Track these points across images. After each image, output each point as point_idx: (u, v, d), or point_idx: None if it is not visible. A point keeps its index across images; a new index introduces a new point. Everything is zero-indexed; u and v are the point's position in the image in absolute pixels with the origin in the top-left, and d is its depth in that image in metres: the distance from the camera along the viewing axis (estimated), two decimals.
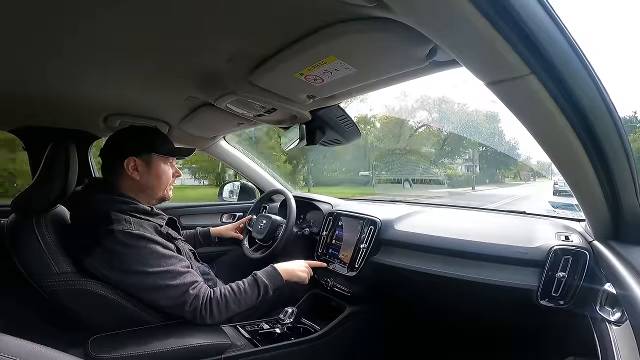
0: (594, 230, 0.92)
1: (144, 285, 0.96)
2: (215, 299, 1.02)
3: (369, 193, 10.43)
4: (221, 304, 1.02)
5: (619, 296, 0.70)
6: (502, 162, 18.03)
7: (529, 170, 17.05)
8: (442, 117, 17.55)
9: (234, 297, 1.05)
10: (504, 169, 18.67)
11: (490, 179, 17.67)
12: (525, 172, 18.03)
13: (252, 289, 1.09)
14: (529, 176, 18.14)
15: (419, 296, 1.30)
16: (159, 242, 0.99)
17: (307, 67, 0.83)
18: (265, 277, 1.12)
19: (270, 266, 1.18)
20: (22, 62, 0.89)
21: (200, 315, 1.00)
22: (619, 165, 0.71)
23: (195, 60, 0.91)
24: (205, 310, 1.00)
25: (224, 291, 1.05)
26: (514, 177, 18.92)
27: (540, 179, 15.67)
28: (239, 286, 1.08)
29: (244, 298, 1.07)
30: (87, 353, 0.86)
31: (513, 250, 1.01)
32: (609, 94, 0.61)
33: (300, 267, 1.25)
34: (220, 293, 1.04)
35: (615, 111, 0.63)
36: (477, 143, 17.37)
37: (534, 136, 0.69)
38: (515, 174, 18.80)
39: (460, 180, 15.62)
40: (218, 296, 1.03)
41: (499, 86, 0.61)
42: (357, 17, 0.65)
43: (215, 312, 1.01)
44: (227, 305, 1.03)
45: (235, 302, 1.05)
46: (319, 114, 1.21)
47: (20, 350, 0.42)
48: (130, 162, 1.06)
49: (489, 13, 0.47)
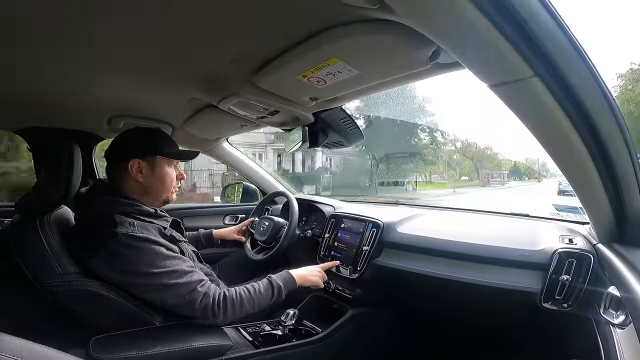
0: (597, 233, 0.92)
1: (151, 285, 0.96)
2: (231, 297, 1.02)
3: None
4: (236, 302, 1.02)
5: (623, 299, 0.69)
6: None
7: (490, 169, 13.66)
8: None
9: (249, 296, 1.05)
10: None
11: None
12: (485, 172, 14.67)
13: (267, 290, 1.09)
14: (488, 177, 14.66)
15: (421, 299, 1.29)
16: (163, 244, 0.99)
17: (310, 69, 0.84)
18: (280, 280, 1.13)
19: (285, 271, 1.19)
20: (25, 62, 0.89)
21: (212, 313, 0.99)
22: (623, 168, 0.70)
23: (199, 62, 0.91)
24: (218, 308, 0.99)
25: (239, 291, 1.05)
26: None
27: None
28: (254, 287, 1.08)
29: (259, 299, 1.07)
30: (88, 353, 0.87)
31: (516, 253, 1.01)
32: (612, 95, 0.61)
33: (313, 272, 1.26)
34: (235, 292, 1.04)
35: (619, 113, 0.63)
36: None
37: (537, 138, 0.69)
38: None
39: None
40: (234, 295, 1.03)
41: (502, 88, 0.61)
42: (360, 19, 0.65)
43: (229, 310, 1.01)
44: (242, 304, 1.03)
45: (250, 302, 1.05)
46: (322, 116, 1.21)
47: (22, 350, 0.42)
48: (135, 164, 1.06)
49: (491, 14, 0.47)
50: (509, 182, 15.18)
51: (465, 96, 39.31)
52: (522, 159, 15.82)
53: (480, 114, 48.82)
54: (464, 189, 13.69)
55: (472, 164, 16.59)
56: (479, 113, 47.15)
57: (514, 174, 19.52)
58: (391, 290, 1.34)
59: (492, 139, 43.28)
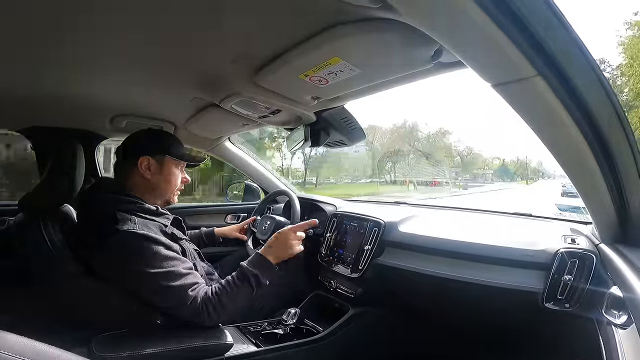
0: (600, 233, 0.91)
1: (145, 286, 0.96)
2: (208, 298, 0.99)
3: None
4: (214, 301, 0.99)
5: (625, 299, 0.69)
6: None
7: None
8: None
9: (225, 292, 1.02)
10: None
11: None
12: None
13: (242, 281, 1.04)
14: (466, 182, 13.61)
15: (423, 298, 1.29)
16: (163, 242, 0.99)
17: (311, 69, 0.84)
18: (251, 267, 1.07)
19: (256, 253, 1.12)
20: (27, 62, 0.90)
21: (199, 317, 0.98)
22: (626, 168, 0.70)
23: (200, 61, 0.91)
24: (202, 311, 0.98)
25: (214, 289, 1.02)
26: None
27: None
28: (228, 281, 1.05)
29: (237, 292, 1.03)
30: (91, 352, 0.87)
31: (519, 253, 1.00)
32: (616, 94, 0.60)
33: (286, 242, 1.16)
34: (211, 292, 1.01)
35: (623, 113, 0.63)
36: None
37: (540, 138, 0.68)
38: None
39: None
40: (210, 294, 1.00)
41: (505, 88, 0.61)
42: (362, 18, 0.65)
43: (212, 312, 0.98)
44: (221, 302, 1.00)
45: (229, 298, 1.01)
46: (324, 115, 1.21)
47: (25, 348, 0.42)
48: (144, 160, 1.08)
49: (494, 13, 0.47)
50: (488, 185, 14.11)
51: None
52: (518, 157, 14.80)
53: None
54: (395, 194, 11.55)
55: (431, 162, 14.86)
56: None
57: (504, 174, 18.57)
58: (392, 290, 1.34)
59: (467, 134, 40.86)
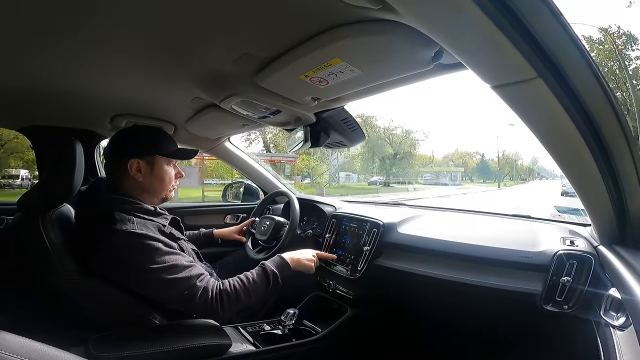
0: (599, 235, 0.91)
1: (150, 281, 0.95)
2: (225, 290, 1.00)
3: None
4: (232, 295, 1.00)
5: (623, 301, 0.69)
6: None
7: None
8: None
9: (244, 287, 1.03)
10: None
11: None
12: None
13: (261, 278, 1.06)
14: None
15: (422, 299, 1.29)
16: (162, 240, 0.99)
17: (312, 69, 0.84)
18: (273, 266, 1.10)
19: (278, 255, 1.15)
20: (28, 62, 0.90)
21: (211, 308, 0.97)
22: (625, 170, 0.70)
23: (201, 62, 0.91)
24: (216, 302, 0.97)
25: (233, 282, 1.03)
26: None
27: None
28: (248, 277, 1.06)
29: (254, 288, 1.04)
30: (89, 352, 0.87)
31: (517, 255, 1.00)
32: (615, 96, 0.60)
33: (307, 256, 1.21)
34: (229, 284, 1.02)
35: (622, 114, 0.63)
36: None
37: (539, 139, 0.69)
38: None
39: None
40: (228, 288, 1.01)
41: (505, 89, 0.61)
42: (362, 19, 0.65)
43: (226, 303, 0.99)
44: (238, 296, 1.01)
45: (246, 293, 1.02)
46: (324, 116, 1.21)
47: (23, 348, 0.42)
48: (134, 163, 1.05)
49: (494, 14, 0.47)
50: (456, 186, 12.83)
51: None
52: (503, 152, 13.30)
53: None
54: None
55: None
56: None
57: (483, 173, 17.07)
58: (391, 291, 1.34)
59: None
